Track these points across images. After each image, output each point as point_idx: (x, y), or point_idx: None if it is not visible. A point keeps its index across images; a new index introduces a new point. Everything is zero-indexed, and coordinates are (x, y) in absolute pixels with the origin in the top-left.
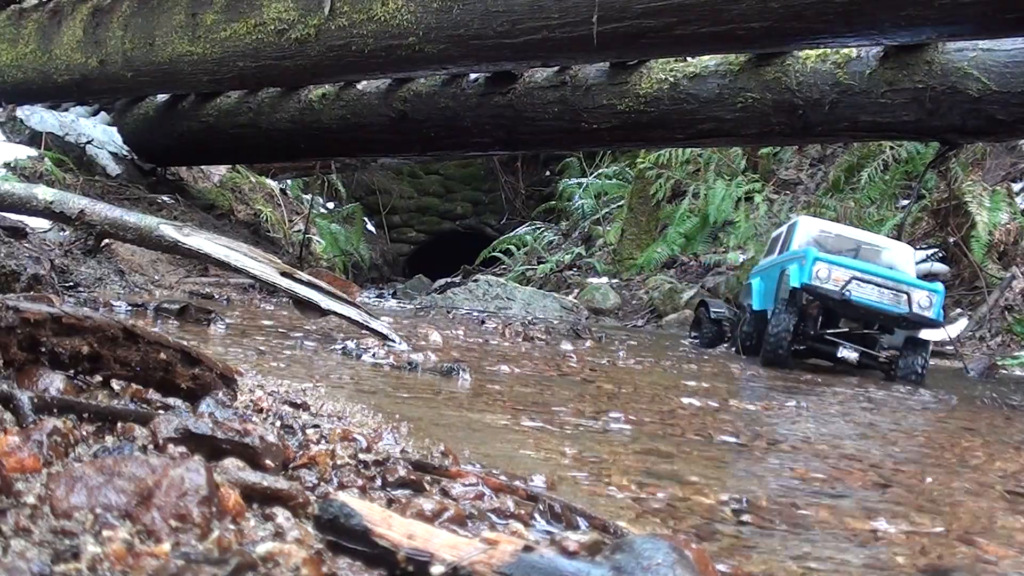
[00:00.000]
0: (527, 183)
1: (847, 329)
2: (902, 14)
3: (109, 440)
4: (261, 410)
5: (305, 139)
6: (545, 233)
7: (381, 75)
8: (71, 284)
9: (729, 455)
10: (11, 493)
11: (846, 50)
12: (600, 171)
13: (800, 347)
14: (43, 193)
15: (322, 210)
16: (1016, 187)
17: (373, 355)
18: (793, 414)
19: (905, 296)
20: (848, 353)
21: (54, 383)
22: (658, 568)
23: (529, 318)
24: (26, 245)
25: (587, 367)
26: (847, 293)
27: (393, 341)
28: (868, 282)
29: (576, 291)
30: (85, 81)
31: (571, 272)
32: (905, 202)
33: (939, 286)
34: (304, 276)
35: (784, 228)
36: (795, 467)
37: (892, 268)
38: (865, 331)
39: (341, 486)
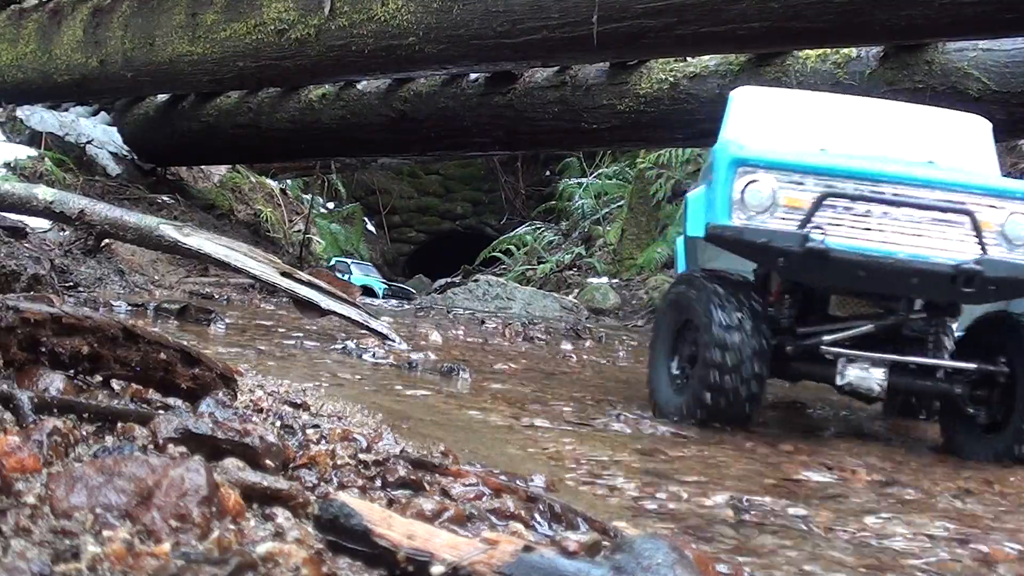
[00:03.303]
0: (527, 183)
1: (842, 317)
2: (902, 14)
3: (109, 440)
4: (261, 410)
5: (305, 139)
6: (545, 233)
7: (381, 75)
8: (71, 284)
9: (729, 455)
10: (11, 493)
11: (846, 50)
12: (600, 171)
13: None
14: (43, 193)
15: (322, 210)
16: None
17: (373, 355)
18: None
19: (967, 221)
20: (859, 375)
21: (54, 383)
22: (658, 568)
23: (529, 318)
24: (26, 245)
25: (587, 367)
26: (816, 237)
27: (393, 341)
28: (868, 200)
29: (576, 291)
30: (85, 81)
31: (571, 272)
32: None
33: None
34: (304, 276)
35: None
36: (796, 467)
37: (933, 163)
38: (899, 313)
39: (341, 486)
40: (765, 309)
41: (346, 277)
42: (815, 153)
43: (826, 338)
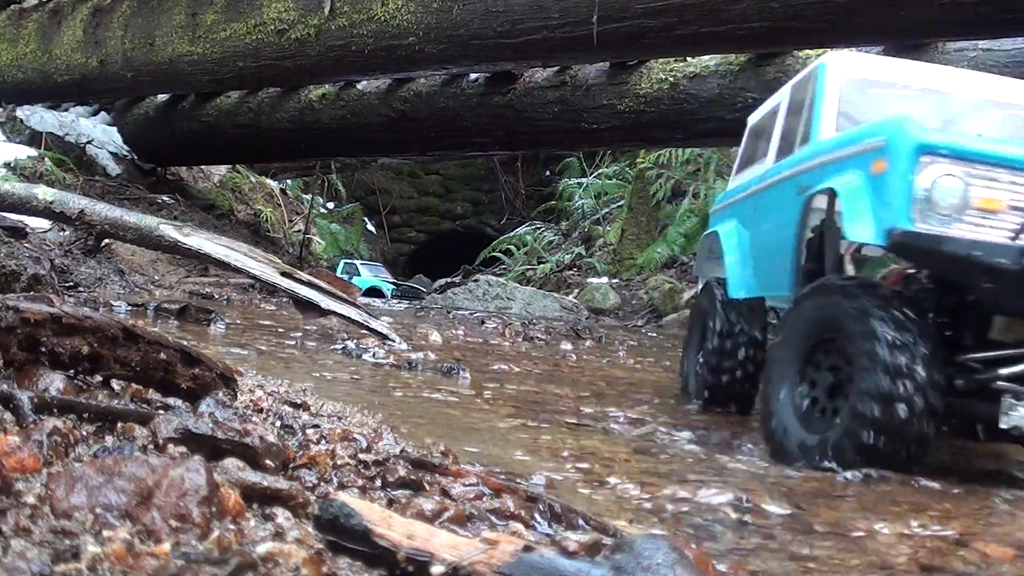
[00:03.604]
0: (527, 183)
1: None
2: (902, 14)
3: (109, 440)
4: (261, 410)
5: (305, 139)
6: (545, 233)
7: (381, 75)
8: (71, 284)
9: (730, 456)
10: (11, 493)
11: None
12: (600, 171)
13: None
14: (43, 193)
15: (322, 210)
16: None
17: (373, 355)
18: None
19: None
20: None
21: (54, 383)
22: (658, 568)
23: (529, 318)
24: (26, 245)
25: (587, 367)
26: None
27: (393, 341)
28: None
29: (576, 291)
30: (85, 81)
31: (571, 272)
32: None
33: None
34: (304, 276)
35: (786, 90)
36: (797, 468)
37: None
38: None
39: (341, 486)
40: (948, 340)
41: (352, 278)
42: (1011, 142)
43: (1002, 372)
